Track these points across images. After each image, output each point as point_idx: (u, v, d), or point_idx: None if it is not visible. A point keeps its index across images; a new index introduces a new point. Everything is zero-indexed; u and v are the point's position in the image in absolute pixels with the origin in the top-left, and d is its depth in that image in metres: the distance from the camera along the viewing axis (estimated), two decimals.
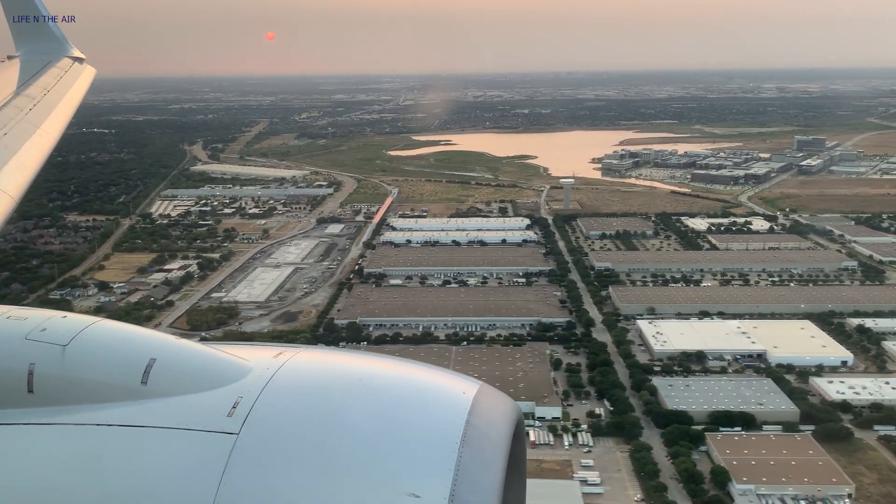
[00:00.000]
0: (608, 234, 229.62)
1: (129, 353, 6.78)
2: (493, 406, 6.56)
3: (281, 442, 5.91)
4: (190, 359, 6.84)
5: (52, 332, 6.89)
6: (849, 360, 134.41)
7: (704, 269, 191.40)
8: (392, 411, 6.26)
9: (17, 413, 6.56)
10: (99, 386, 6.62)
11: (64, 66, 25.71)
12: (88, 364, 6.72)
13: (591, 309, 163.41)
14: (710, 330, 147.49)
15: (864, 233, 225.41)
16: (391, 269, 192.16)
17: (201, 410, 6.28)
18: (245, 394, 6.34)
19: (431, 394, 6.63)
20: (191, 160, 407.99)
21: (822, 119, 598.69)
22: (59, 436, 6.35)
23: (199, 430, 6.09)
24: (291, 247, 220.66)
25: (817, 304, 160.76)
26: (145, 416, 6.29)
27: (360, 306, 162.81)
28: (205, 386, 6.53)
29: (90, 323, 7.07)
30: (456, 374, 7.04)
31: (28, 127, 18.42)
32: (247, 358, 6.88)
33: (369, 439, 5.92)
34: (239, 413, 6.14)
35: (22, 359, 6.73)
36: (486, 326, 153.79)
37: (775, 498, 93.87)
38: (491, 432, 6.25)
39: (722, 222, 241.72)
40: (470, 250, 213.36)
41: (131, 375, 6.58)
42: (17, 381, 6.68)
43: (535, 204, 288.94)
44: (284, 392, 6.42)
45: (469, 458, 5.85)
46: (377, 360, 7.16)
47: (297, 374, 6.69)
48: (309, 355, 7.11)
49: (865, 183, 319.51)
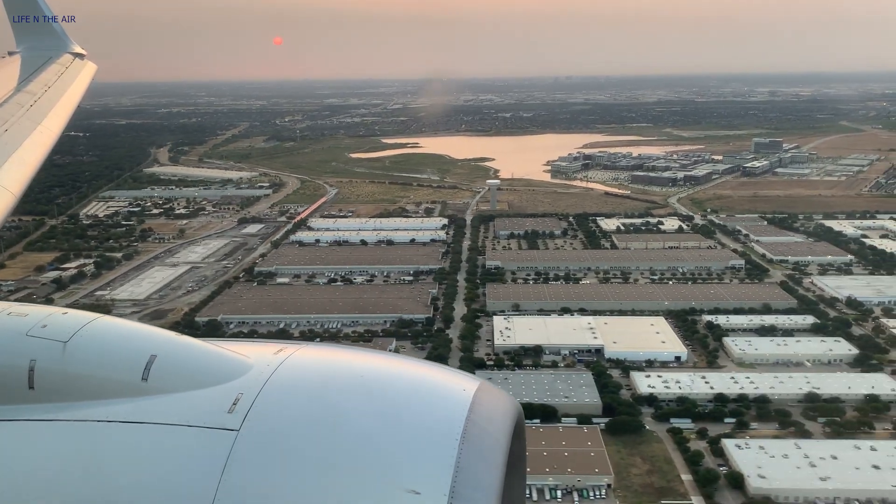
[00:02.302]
0: (517, 233, 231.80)
1: (129, 350, 6.80)
2: (493, 403, 6.58)
3: (281, 438, 5.94)
4: (191, 355, 6.87)
5: (52, 329, 6.91)
6: (682, 356, 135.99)
7: (592, 268, 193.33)
8: (392, 408, 6.29)
9: (18, 409, 6.57)
10: (100, 382, 6.62)
11: (65, 62, 25.55)
12: (89, 360, 6.73)
13: (458, 306, 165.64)
14: (560, 326, 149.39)
15: (770, 232, 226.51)
16: (283, 267, 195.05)
17: (202, 407, 6.30)
18: (246, 390, 6.37)
19: (432, 391, 6.64)
20: (150, 162, 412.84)
21: (797, 122, 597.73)
22: (59, 432, 6.37)
23: (199, 427, 6.11)
24: (199, 246, 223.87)
25: (681, 302, 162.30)
26: (146, 413, 6.31)
27: (230, 304, 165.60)
28: (205, 382, 6.57)
29: (91, 319, 7.08)
30: (457, 371, 7.09)
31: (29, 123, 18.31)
32: (247, 354, 6.94)
33: (369, 436, 5.94)
34: (239, 409, 6.17)
35: (23, 355, 6.74)
36: (348, 323, 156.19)
37: (534, 488, 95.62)
38: (491, 429, 6.28)
39: (634, 222, 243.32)
40: (374, 250, 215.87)
41: (132, 372, 6.59)
42: (18, 378, 6.67)
43: (467, 205, 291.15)
44: (285, 389, 6.45)
45: (469, 454, 5.88)
46: (378, 357, 7.26)
47: (298, 370, 6.71)
48: (309, 352, 7.13)
49: (802, 185, 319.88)
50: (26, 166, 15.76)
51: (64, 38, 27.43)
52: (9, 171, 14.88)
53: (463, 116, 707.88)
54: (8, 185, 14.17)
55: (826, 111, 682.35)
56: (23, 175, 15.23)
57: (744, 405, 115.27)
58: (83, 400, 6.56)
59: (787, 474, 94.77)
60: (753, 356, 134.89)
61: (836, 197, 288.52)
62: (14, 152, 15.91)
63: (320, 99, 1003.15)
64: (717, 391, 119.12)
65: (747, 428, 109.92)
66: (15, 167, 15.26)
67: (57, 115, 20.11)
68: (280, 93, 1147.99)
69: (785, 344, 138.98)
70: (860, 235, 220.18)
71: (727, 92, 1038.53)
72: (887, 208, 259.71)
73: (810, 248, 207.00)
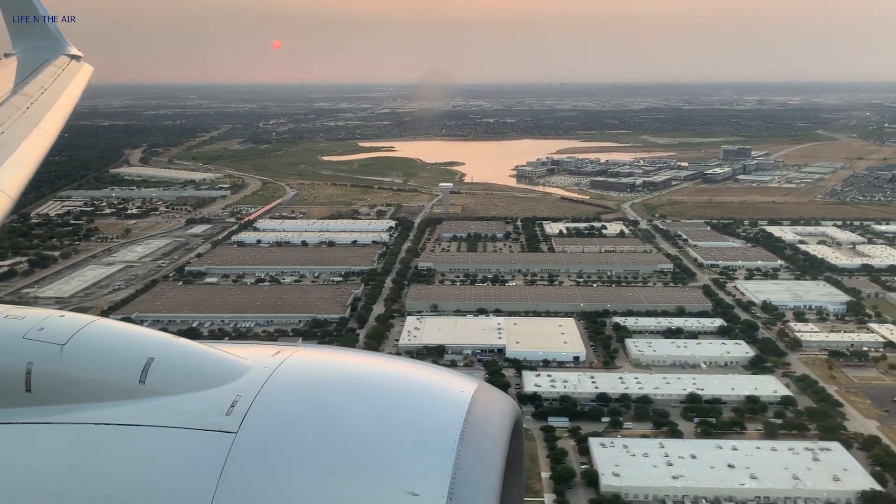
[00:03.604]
0: (459, 236, 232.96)
1: (127, 352, 6.79)
2: (491, 404, 6.57)
3: (279, 440, 5.92)
4: (188, 358, 6.86)
5: (49, 331, 6.88)
6: (581, 356, 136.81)
7: (522, 270, 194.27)
8: (390, 409, 6.29)
9: (15, 412, 6.52)
10: (97, 385, 6.60)
11: (61, 63, 25.47)
12: (86, 363, 6.70)
13: (378, 306, 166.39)
14: (470, 326, 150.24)
15: (709, 237, 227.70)
16: (214, 267, 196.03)
17: (200, 409, 6.28)
18: (243, 392, 6.36)
19: (430, 392, 6.62)
20: (120, 163, 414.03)
21: (776, 130, 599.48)
22: (56, 435, 6.32)
23: (197, 429, 6.08)
24: (140, 246, 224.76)
25: (597, 304, 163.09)
26: (143, 415, 6.29)
27: (149, 303, 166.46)
28: (203, 385, 6.54)
29: (88, 322, 7.06)
30: (455, 372, 7.07)
31: (25, 125, 18.27)
32: (245, 357, 6.92)
33: (368, 438, 5.93)
34: (237, 412, 6.15)
35: (20, 358, 6.71)
36: (262, 323, 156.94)
37: None
38: (490, 430, 6.27)
39: (578, 226, 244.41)
40: (311, 251, 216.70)
41: (129, 374, 6.58)
42: (15, 380, 6.63)
43: (422, 208, 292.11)
44: (283, 391, 6.43)
45: (468, 456, 5.87)
46: (375, 359, 7.32)
47: (296, 372, 6.70)
48: (307, 354, 7.12)
49: (759, 191, 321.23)
50: (23, 168, 15.70)
51: (60, 39, 27.34)
52: (5, 173, 14.77)
53: (446, 121, 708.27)
54: (4, 188, 14.05)
55: (808, 120, 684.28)
56: (19, 177, 15.15)
57: (624, 405, 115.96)
58: (80, 403, 6.52)
59: (641, 472, 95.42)
60: (651, 357, 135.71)
61: (789, 204, 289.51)
62: (10, 154, 15.81)
63: (310, 102, 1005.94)
64: (601, 391, 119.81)
65: (621, 427, 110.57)
66: (11, 169, 15.15)
67: (53, 117, 20.16)
68: (271, 96, 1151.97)
69: (685, 346, 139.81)
70: (798, 241, 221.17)
71: (716, 100, 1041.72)
72: (834, 215, 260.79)
73: (744, 253, 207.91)
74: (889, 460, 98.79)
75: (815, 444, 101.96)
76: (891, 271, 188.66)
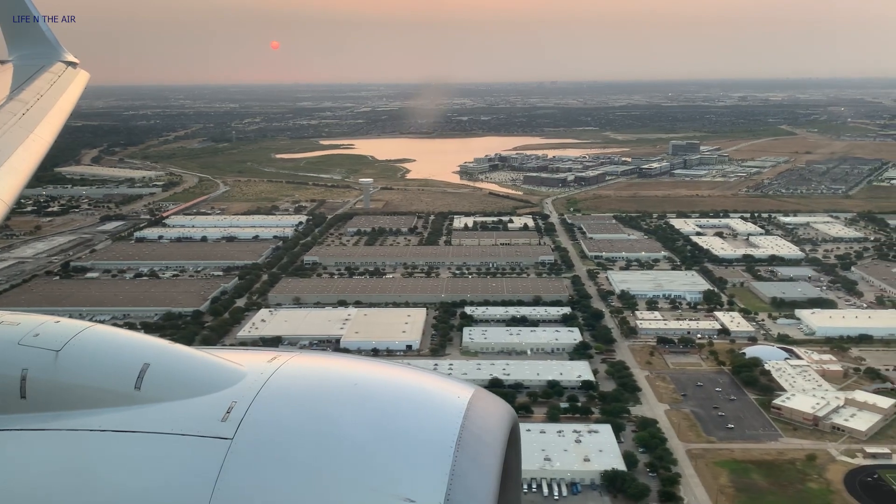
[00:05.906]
0: (364, 230, 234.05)
1: (122, 358, 6.75)
2: (487, 410, 6.53)
3: (275, 447, 5.87)
4: (184, 364, 6.81)
5: (44, 338, 6.84)
6: (414, 344, 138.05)
7: (407, 263, 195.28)
8: (386, 416, 6.24)
9: (10, 419, 6.48)
10: (92, 391, 6.55)
11: (57, 70, 25.40)
12: (82, 369, 6.66)
13: (242, 300, 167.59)
14: (317, 318, 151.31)
15: (606, 230, 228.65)
16: (99, 262, 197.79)
17: (195, 415, 6.24)
18: (239, 399, 6.33)
19: (426, 398, 6.58)
20: (69, 162, 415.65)
21: (741, 125, 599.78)
22: (52, 442, 6.28)
23: (193, 436, 6.04)
24: (42, 242, 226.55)
25: (457, 294, 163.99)
26: (139, 422, 6.26)
27: (14, 297, 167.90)
28: (199, 391, 6.51)
29: (83, 328, 7.01)
30: (451, 378, 7.02)
31: (21, 132, 18.19)
32: (241, 363, 6.89)
33: (364, 444, 5.89)
34: (233, 418, 6.12)
35: (15, 364, 6.67)
36: (119, 316, 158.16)
37: None
38: (486, 436, 6.22)
39: (486, 221, 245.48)
40: (207, 246, 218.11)
41: (125, 380, 6.53)
42: (10, 387, 6.58)
43: (346, 203, 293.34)
44: (279, 397, 6.40)
45: (464, 462, 5.83)
46: (371, 365, 7.19)
47: (292, 378, 6.67)
48: (303, 360, 7.07)
49: (687, 186, 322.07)
50: (18, 175, 15.58)
51: (56, 46, 27.10)
52: (1, 179, 14.73)
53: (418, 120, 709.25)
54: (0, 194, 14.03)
55: (779, 115, 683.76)
56: (14, 183, 15.06)
57: None
58: (76, 409, 6.49)
59: None
60: (480, 345, 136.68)
61: (711, 197, 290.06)
62: (6, 161, 15.73)
63: (295, 102, 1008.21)
64: None
65: None
66: (6, 176, 15.06)
67: (49, 123, 20.02)
68: (259, 96, 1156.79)
69: (518, 333, 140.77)
70: (696, 233, 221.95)
71: (699, 97, 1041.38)
72: (747, 208, 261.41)
73: (632, 245, 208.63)
74: (652, 441, 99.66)
75: (585, 427, 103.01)
76: (769, 261, 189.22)
